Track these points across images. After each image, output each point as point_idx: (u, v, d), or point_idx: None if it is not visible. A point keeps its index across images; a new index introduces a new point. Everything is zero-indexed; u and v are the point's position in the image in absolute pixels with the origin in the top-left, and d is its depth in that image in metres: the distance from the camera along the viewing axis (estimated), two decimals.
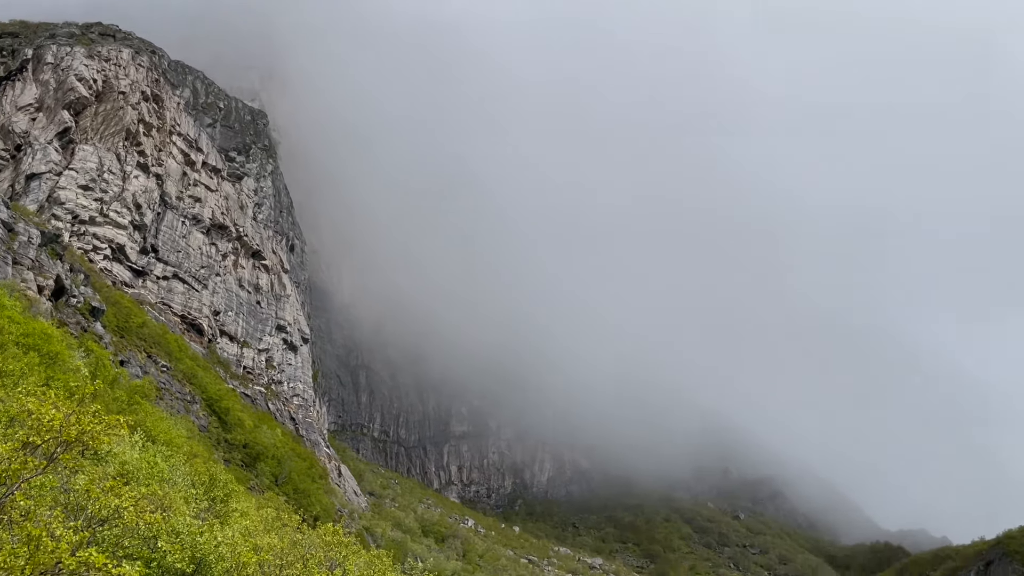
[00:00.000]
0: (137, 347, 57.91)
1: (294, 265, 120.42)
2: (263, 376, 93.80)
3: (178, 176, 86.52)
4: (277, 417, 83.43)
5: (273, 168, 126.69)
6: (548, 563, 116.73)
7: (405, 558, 63.34)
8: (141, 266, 77.35)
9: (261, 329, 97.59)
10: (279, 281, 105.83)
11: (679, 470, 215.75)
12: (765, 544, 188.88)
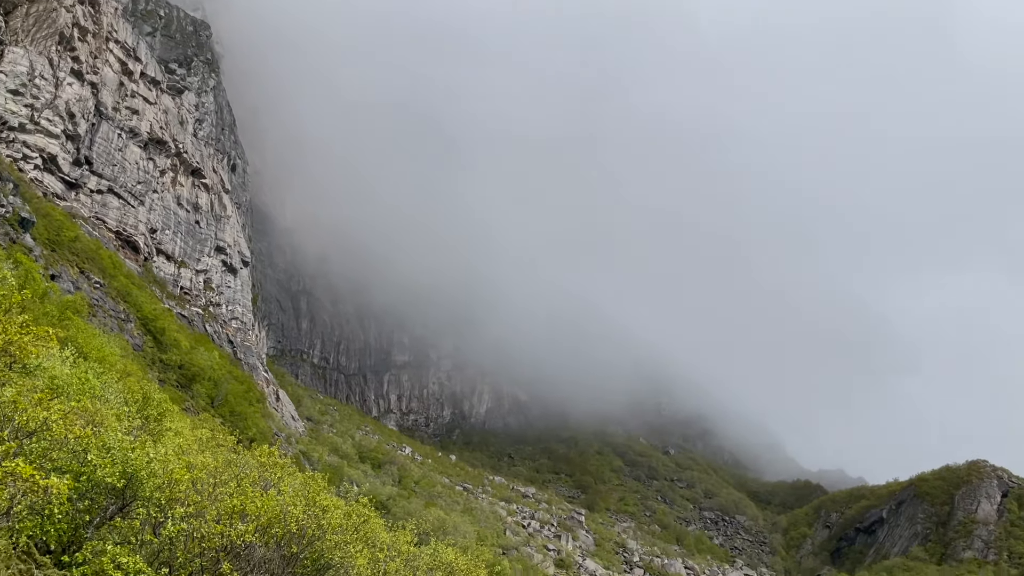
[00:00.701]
0: (69, 262, 56.19)
1: (235, 186, 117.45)
2: (201, 297, 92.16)
3: (115, 86, 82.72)
4: (215, 339, 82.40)
5: (216, 83, 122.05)
6: (482, 491, 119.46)
7: (341, 482, 64.07)
8: (74, 178, 74.40)
9: (200, 250, 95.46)
10: (219, 201, 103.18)
11: (614, 406, 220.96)
12: (692, 479, 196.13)
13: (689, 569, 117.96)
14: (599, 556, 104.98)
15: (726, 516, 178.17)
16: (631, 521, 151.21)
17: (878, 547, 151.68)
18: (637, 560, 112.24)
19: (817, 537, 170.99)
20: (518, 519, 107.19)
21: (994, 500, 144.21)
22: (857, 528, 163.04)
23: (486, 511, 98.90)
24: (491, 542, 77.06)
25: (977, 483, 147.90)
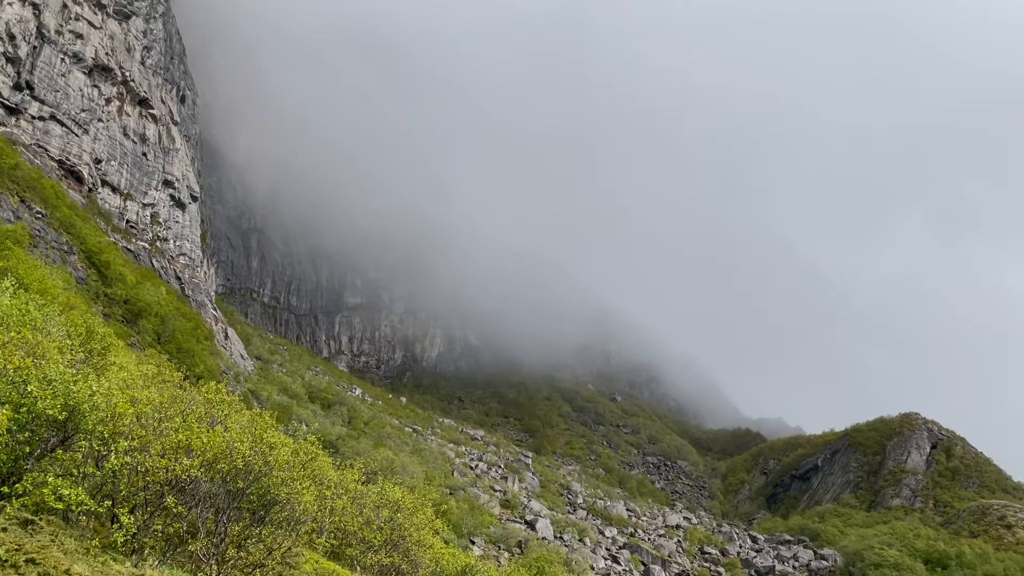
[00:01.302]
0: (9, 190, 54.24)
1: (185, 117, 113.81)
2: (148, 232, 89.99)
3: (58, 7, 78.87)
4: (162, 275, 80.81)
5: (165, 9, 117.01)
6: (432, 433, 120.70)
7: (290, 421, 64.11)
8: (15, 103, 71.30)
9: (147, 183, 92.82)
10: (168, 133, 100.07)
11: (564, 353, 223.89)
12: (637, 425, 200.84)
13: (630, 511, 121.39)
14: (544, 497, 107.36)
15: (668, 461, 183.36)
16: (576, 464, 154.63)
17: (812, 493, 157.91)
18: (581, 502, 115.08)
19: (754, 483, 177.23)
20: (466, 460, 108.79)
21: (923, 451, 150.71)
22: (793, 475, 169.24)
23: (435, 452, 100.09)
24: (439, 482, 78.20)
25: (908, 434, 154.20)
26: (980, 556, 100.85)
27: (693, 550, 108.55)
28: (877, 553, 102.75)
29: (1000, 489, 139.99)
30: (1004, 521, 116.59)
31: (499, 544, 71.69)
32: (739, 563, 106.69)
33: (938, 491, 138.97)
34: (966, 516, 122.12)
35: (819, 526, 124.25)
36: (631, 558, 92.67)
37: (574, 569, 63.71)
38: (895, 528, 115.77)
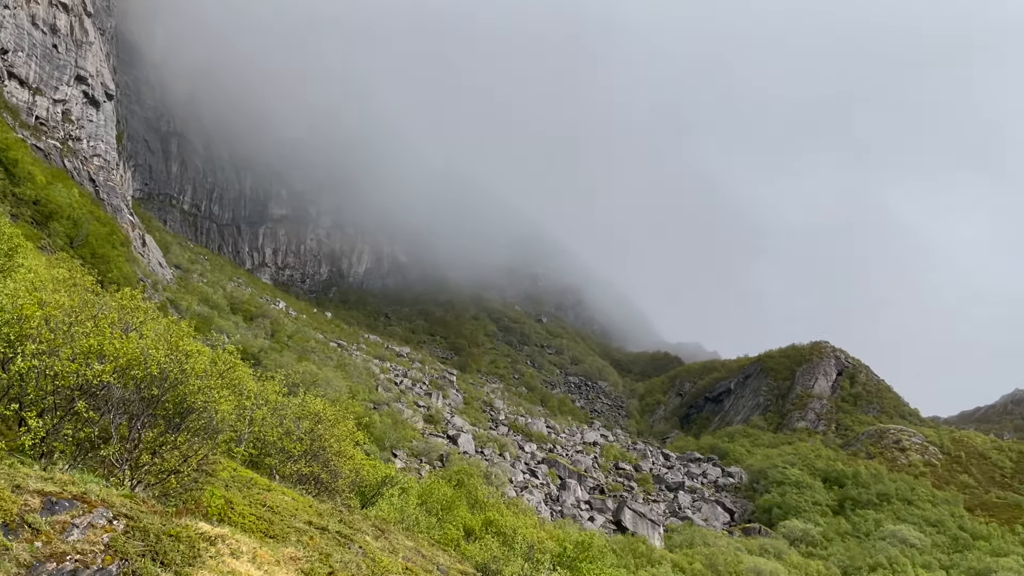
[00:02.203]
0: None
1: (99, 9, 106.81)
2: (59, 130, 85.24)
3: None
4: (74, 176, 77.04)
5: None
6: (357, 348, 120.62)
7: (210, 332, 62.95)
8: None
9: (58, 77, 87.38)
10: (80, 25, 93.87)
11: (492, 273, 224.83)
12: (561, 346, 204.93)
13: (551, 428, 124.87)
14: (467, 413, 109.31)
15: (589, 382, 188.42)
16: (500, 383, 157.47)
17: (723, 415, 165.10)
18: (503, 418, 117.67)
19: (670, 404, 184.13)
20: (391, 376, 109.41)
21: (830, 377, 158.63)
22: (706, 397, 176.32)
23: (359, 367, 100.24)
24: (363, 397, 78.61)
25: (817, 361, 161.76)
26: (874, 476, 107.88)
27: (608, 466, 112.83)
28: (780, 471, 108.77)
29: (897, 415, 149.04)
30: (899, 444, 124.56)
31: (421, 457, 72.98)
32: (651, 478, 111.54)
33: (841, 415, 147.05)
34: (864, 439, 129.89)
35: (728, 445, 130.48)
36: (549, 472, 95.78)
37: (493, 482, 65.45)
38: (798, 449, 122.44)
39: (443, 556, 19.03)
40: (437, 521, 27.96)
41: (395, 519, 21.77)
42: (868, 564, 79.89)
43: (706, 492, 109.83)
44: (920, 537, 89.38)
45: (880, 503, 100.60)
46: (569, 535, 39.33)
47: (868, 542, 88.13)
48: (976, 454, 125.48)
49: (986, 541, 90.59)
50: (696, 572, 65.79)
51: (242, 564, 9.26)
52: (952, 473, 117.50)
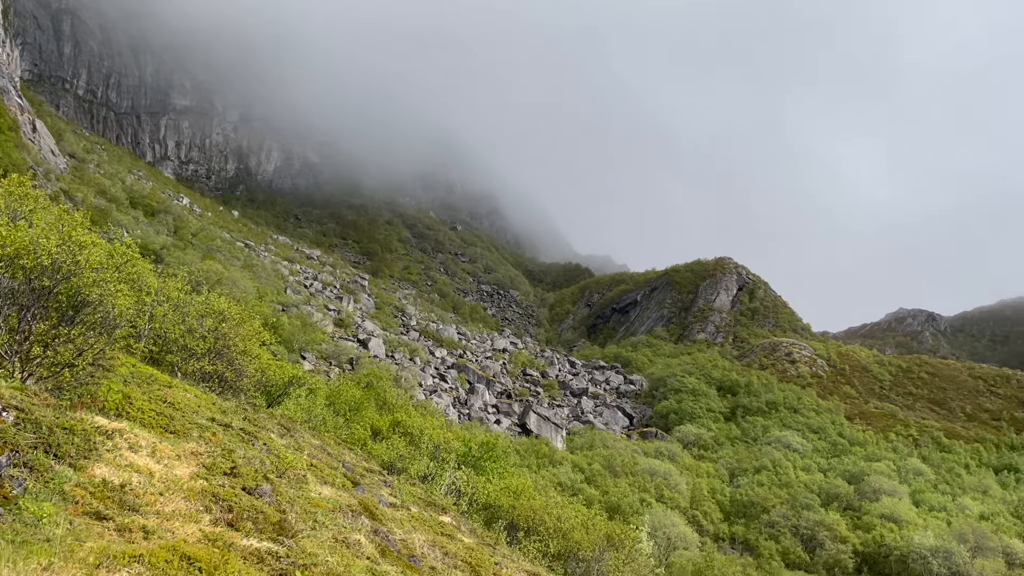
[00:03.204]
0: None
1: None
2: None
3: None
4: None
5: None
6: (265, 249, 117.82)
7: (108, 225, 60.24)
8: None
9: None
10: None
11: (407, 178, 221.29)
12: (475, 254, 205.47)
13: (461, 335, 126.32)
14: (378, 318, 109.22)
15: (502, 290, 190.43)
16: (413, 289, 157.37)
17: (629, 325, 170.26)
18: (414, 324, 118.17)
19: (578, 314, 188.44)
20: (301, 279, 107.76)
21: (731, 292, 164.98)
22: (614, 308, 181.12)
23: (268, 269, 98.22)
24: (271, 298, 77.36)
25: (720, 276, 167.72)
26: (765, 386, 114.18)
27: (516, 372, 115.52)
28: (679, 380, 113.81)
29: (791, 329, 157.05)
30: (790, 357, 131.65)
31: (330, 360, 72.90)
32: (557, 384, 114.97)
33: (738, 328, 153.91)
34: (759, 351, 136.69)
35: (632, 354, 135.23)
36: (458, 377, 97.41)
37: (403, 385, 66.22)
38: (697, 359, 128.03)
39: (349, 454, 19.28)
40: (345, 421, 28.20)
41: (302, 418, 21.83)
42: (754, 466, 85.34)
43: (608, 398, 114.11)
44: (803, 443, 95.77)
45: (769, 411, 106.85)
46: (475, 436, 40.40)
47: (755, 446, 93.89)
48: (859, 367, 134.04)
49: (862, 447, 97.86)
50: (595, 472, 68.92)
51: (141, 458, 9.14)
52: (836, 384, 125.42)
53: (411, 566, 9.89)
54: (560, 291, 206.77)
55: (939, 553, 64.28)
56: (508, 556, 16.12)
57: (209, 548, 6.54)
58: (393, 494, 15.88)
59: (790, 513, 70.55)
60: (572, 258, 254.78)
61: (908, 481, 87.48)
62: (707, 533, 66.85)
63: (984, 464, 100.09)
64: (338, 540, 9.07)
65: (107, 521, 6.84)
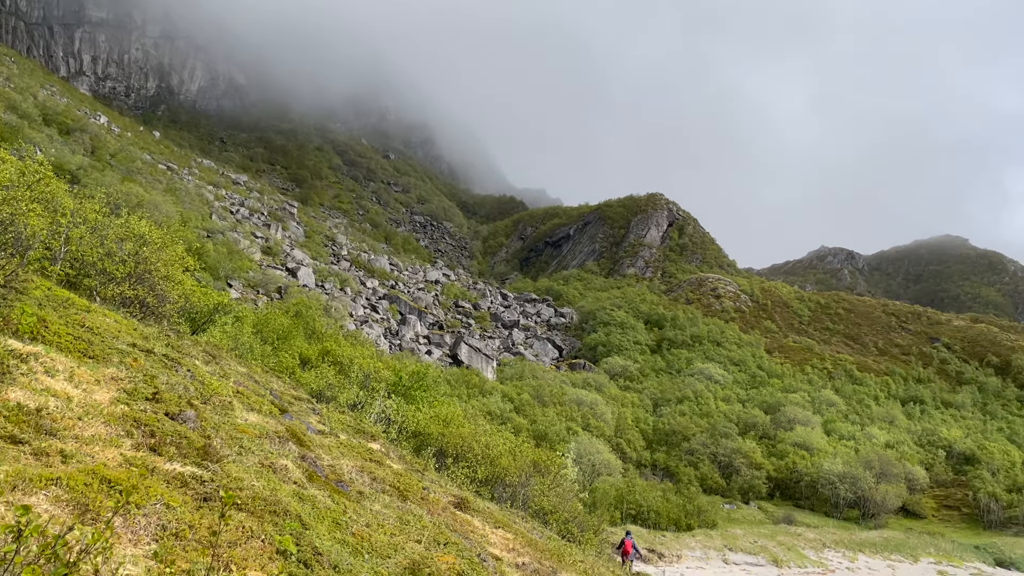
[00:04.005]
0: None
1: None
2: None
3: None
4: None
5: None
6: (189, 173, 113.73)
7: (18, 143, 57.19)
8: None
9: None
10: None
11: (338, 104, 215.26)
12: (408, 184, 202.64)
13: (393, 266, 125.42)
14: (308, 247, 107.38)
15: (435, 221, 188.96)
16: (344, 218, 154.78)
17: (561, 259, 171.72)
18: (345, 254, 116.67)
19: (511, 247, 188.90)
20: (227, 205, 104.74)
21: (661, 228, 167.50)
22: (547, 242, 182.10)
23: (192, 193, 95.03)
24: (195, 224, 75.09)
25: (651, 212, 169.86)
26: (690, 320, 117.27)
27: (449, 303, 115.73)
28: (608, 313, 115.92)
29: (718, 265, 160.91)
30: (715, 292, 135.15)
31: (258, 289, 71.63)
32: (488, 316, 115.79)
33: (667, 264, 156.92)
34: (686, 286, 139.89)
35: (563, 288, 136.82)
36: (390, 308, 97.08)
37: (333, 315, 65.71)
38: (626, 293, 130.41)
39: (277, 382, 19.14)
40: (273, 350, 27.90)
41: (228, 346, 21.48)
42: (677, 397, 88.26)
43: (539, 330, 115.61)
44: (724, 375, 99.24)
45: (693, 344, 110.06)
46: (406, 366, 40.55)
47: (679, 378, 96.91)
48: (781, 303, 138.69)
49: (779, 379, 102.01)
50: (524, 402, 70.21)
51: (58, 382, 8.87)
52: (758, 319, 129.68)
53: (339, 491, 9.97)
54: (494, 224, 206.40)
55: (846, 479, 68.16)
56: (436, 481, 16.41)
57: (130, 472, 6.45)
58: (322, 422, 15.89)
59: (709, 441, 73.47)
60: (507, 191, 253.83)
61: (821, 411, 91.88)
62: (630, 460, 69.22)
63: (892, 396, 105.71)
64: (264, 465, 9.05)
65: (23, 445, 6.66)
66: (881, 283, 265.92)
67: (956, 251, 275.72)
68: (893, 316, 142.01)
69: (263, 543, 6.22)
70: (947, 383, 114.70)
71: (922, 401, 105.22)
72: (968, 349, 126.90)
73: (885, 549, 55.94)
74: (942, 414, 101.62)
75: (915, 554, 55.73)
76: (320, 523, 7.81)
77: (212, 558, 4.99)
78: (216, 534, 5.19)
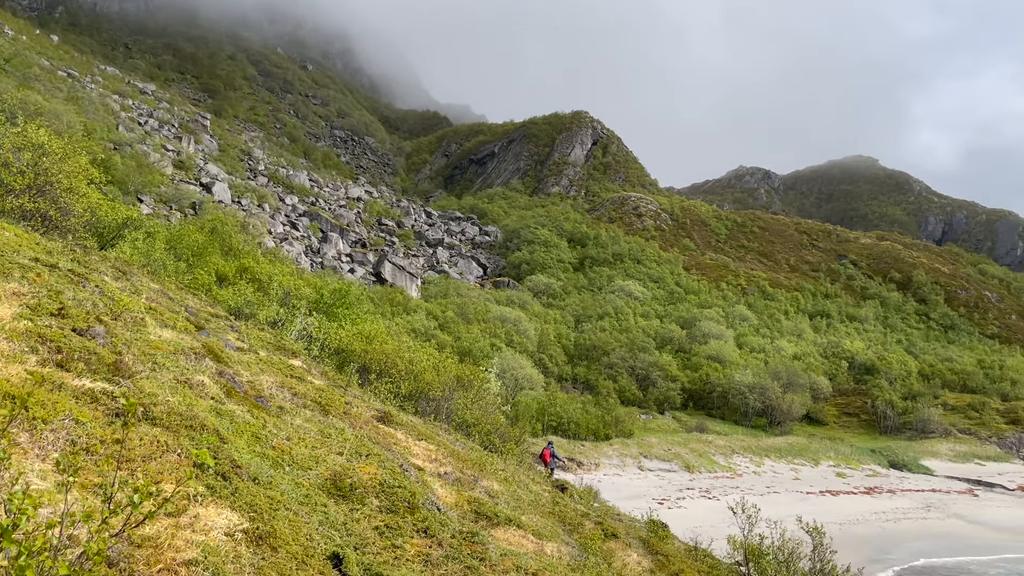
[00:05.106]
0: None
1: None
2: None
3: None
4: None
5: None
6: (91, 81, 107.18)
7: None
8: None
9: None
10: None
11: (250, 9, 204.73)
12: (327, 97, 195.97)
13: (313, 182, 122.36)
14: (223, 162, 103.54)
15: (356, 137, 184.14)
16: (260, 131, 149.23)
17: (486, 177, 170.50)
18: (262, 169, 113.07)
19: (436, 164, 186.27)
20: (134, 116, 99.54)
21: (585, 146, 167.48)
22: (471, 159, 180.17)
23: (96, 103, 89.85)
24: (101, 135, 71.31)
25: (576, 130, 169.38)
26: (612, 238, 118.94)
27: (372, 221, 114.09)
28: (532, 231, 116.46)
29: (640, 184, 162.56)
30: (637, 211, 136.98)
31: (171, 204, 69.06)
32: (412, 235, 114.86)
33: (591, 183, 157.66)
34: (608, 205, 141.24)
35: (488, 206, 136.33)
36: (310, 225, 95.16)
37: (251, 232, 64.06)
38: (550, 212, 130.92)
39: (193, 299, 18.67)
40: (188, 267, 27.12)
41: (139, 263, 20.76)
42: (598, 313, 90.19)
43: (463, 249, 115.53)
44: (643, 291, 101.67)
45: (614, 262, 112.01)
46: (328, 284, 40.09)
47: (600, 295, 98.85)
48: (699, 221, 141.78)
49: (696, 296, 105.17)
50: (448, 319, 70.62)
51: None
52: (677, 237, 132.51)
53: (258, 406, 9.90)
54: (417, 140, 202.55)
55: (755, 389, 71.52)
56: (359, 397, 16.47)
57: (36, 387, 6.24)
58: (240, 339, 15.64)
59: (628, 355, 75.72)
60: (430, 106, 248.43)
61: (734, 326, 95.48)
62: (552, 374, 70.89)
63: (801, 311, 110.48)
64: (180, 381, 8.88)
65: None
66: (795, 202, 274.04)
67: (866, 171, 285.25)
68: (805, 234, 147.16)
69: (179, 457, 6.16)
70: (852, 298, 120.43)
71: (828, 315, 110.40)
72: (873, 266, 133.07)
73: (789, 454, 59.40)
74: (846, 327, 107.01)
75: (816, 458, 59.39)
76: (239, 437, 7.77)
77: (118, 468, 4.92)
78: (121, 442, 5.10)
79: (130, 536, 4.55)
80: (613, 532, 13.21)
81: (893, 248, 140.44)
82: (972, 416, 77.30)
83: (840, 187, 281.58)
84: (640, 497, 36.20)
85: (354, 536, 6.86)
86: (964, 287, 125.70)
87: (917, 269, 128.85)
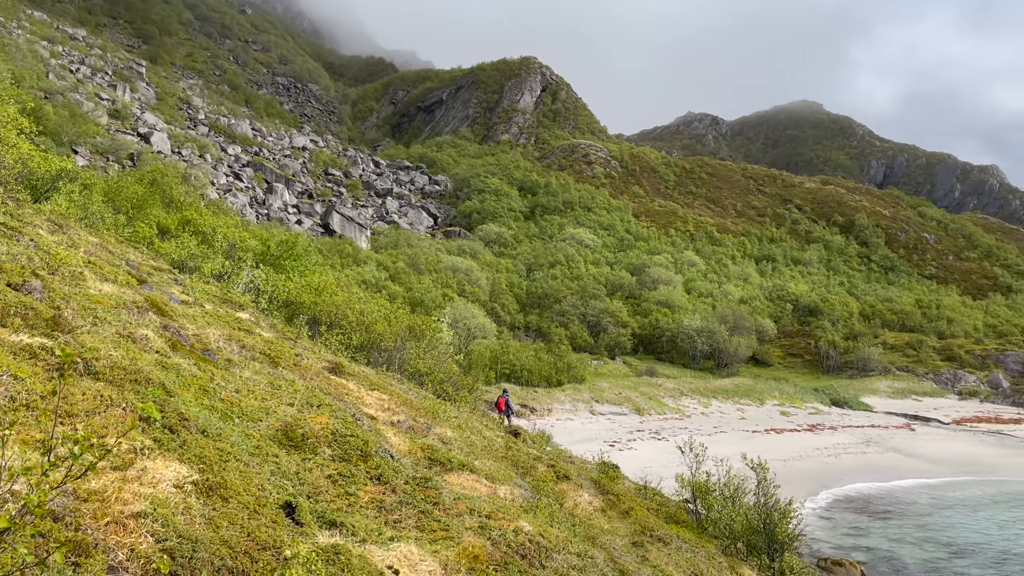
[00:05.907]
0: None
1: None
2: None
3: None
4: None
5: None
6: (18, 26, 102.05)
7: None
8: None
9: None
10: None
11: None
12: (268, 43, 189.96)
13: (256, 131, 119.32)
14: (161, 110, 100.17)
15: (299, 84, 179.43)
16: (199, 79, 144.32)
17: (434, 125, 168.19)
18: (202, 118, 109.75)
19: (383, 112, 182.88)
20: (65, 63, 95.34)
21: (535, 93, 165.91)
22: (419, 107, 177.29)
23: (23, 50, 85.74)
24: (30, 84, 68.27)
25: (525, 76, 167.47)
26: (563, 186, 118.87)
27: (318, 171, 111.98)
28: (482, 180, 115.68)
29: (589, 131, 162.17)
30: (587, 158, 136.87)
31: (108, 155, 66.79)
32: (360, 184, 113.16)
33: (541, 130, 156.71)
34: (558, 153, 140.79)
35: (437, 155, 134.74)
36: (255, 176, 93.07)
37: (193, 183, 62.36)
38: (500, 160, 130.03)
39: (134, 253, 18.20)
40: (128, 220, 26.36)
41: (76, 216, 20.10)
42: (549, 261, 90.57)
43: (413, 198, 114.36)
44: (594, 239, 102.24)
45: (565, 210, 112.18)
46: (274, 236, 39.40)
47: (551, 243, 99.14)
48: (648, 168, 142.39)
49: (645, 242, 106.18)
50: (399, 270, 70.22)
51: None
52: (627, 184, 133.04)
53: (205, 359, 9.78)
54: (363, 87, 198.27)
55: (703, 333, 72.98)
56: (310, 348, 16.37)
57: None
58: (185, 292, 15.35)
59: (579, 302, 76.45)
60: (376, 52, 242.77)
61: (683, 271, 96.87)
62: (504, 323, 71.28)
63: (748, 255, 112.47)
64: (123, 335, 8.70)
65: None
66: (742, 148, 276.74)
67: (812, 116, 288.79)
68: (751, 180, 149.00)
69: (124, 411, 6.07)
70: (797, 242, 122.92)
71: (774, 259, 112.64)
72: (817, 210, 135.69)
73: (736, 395, 61.07)
74: (791, 271, 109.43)
75: (762, 398, 61.18)
76: (186, 391, 7.68)
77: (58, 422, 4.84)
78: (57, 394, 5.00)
79: (76, 491, 4.49)
80: (565, 474, 13.49)
81: (836, 192, 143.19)
82: (910, 354, 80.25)
83: (786, 132, 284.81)
84: (592, 440, 36.95)
85: (307, 485, 6.88)
86: (904, 229, 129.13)
87: (859, 213, 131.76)
